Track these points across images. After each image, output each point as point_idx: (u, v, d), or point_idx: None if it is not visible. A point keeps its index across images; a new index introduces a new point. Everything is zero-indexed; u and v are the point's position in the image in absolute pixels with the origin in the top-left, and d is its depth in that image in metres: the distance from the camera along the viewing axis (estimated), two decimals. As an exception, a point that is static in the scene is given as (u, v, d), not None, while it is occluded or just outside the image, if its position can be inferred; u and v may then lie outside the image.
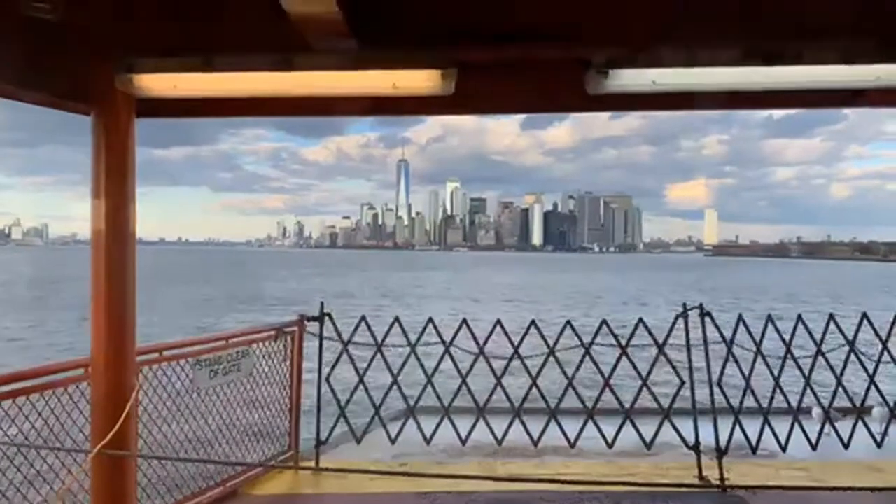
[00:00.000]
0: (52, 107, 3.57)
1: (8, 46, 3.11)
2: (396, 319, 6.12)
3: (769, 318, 6.01)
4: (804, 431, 5.96)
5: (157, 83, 3.30)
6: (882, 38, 2.93)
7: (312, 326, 6.01)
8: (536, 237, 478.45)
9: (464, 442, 6.02)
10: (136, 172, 3.73)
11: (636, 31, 3.15)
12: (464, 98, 3.30)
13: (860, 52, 2.94)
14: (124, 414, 3.63)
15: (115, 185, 3.60)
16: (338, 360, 6.03)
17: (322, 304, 5.99)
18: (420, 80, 3.15)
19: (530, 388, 6.10)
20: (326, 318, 5.95)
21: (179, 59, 3.18)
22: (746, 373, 5.94)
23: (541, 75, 3.46)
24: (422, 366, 6.10)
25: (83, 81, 3.42)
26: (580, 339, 6.06)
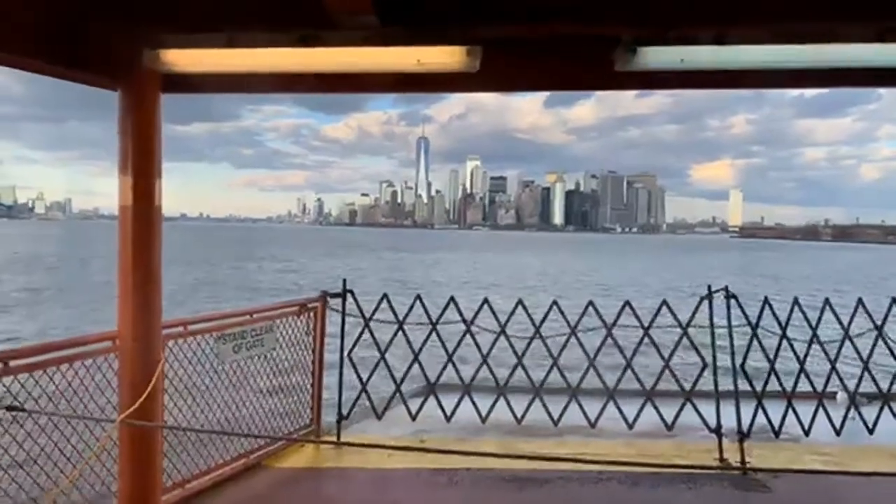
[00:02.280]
0: (80, 82, 3.60)
1: (36, 22, 3.13)
2: (418, 297, 6.14)
3: (795, 302, 5.93)
4: (828, 416, 5.90)
5: (183, 59, 3.30)
6: None
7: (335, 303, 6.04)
8: (557, 217, 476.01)
9: (484, 420, 6.05)
10: (162, 148, 3.76)
11: (665, 9, 3.08)
12: (489, 75, 3.26)
13: (895, 30, 2.85)
14: (150, 386, 3.70)
15: (141, 160, 3.64)
16: (360, 336, 6.07)
17: (344, 280, 6.03)
18: (444, 57, 3.11)
19: (551, 368, 6.10)
20: (349, 294, 5.99)
21: (205, 35, 3.18)
22: (771, 356, 5.88)
23: (568, 53, 3.41)
24: (443, 344, 6.13)
25: (110, 57, 3.44)
26: (602, 321, 6.04)
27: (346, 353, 6.04)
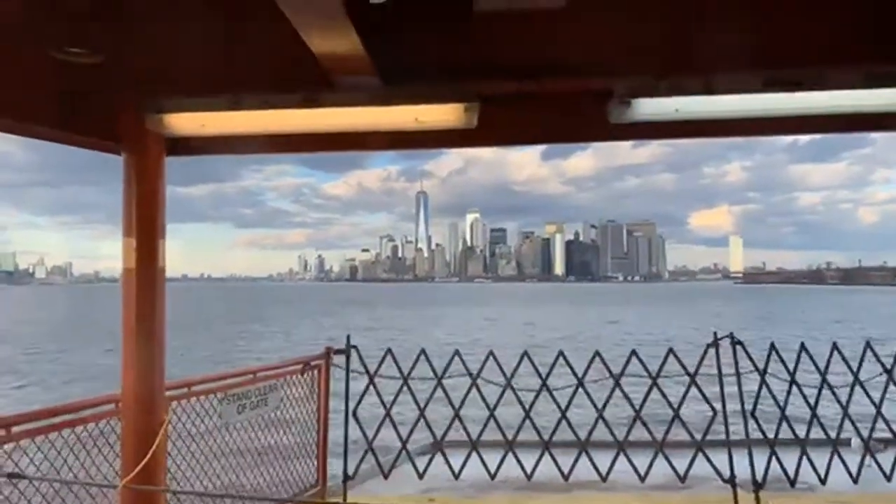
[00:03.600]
0: (85, 147, 3.67)
1: (41, 89, 3.22)
2: (423, 352, 6.08)
3: (802, 347, 5.87)
4: (844, 463, 5.77)
5: (187, 122, 3.38)
6: None
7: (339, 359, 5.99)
8: (558, 267, 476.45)
9: (493, 476, 5.92)
10: (165, 210, 3.81)
11: (656, 61, 3.17)
12: (486, 130, 3.32)
13: (883, 75, 2.91)
14: (153, 449, 3.65)
15: (145, 222, 3.69)
16: (364, 393, 5.99)
17: (348, 336, 5.99)
18: (442, 114, 3.18)
19: (560, 421, 5.99)
20: (353, 350, 5.94)
21: (208, 99, 3.26)
22: (781, 403, 5.78)
23: (563, 106, 3.48)
24: (449, 399, 6.04)
25: (114, 122, 3.53)
26: (609, 371, 5.97)
27: (350, 411, 5.95)
